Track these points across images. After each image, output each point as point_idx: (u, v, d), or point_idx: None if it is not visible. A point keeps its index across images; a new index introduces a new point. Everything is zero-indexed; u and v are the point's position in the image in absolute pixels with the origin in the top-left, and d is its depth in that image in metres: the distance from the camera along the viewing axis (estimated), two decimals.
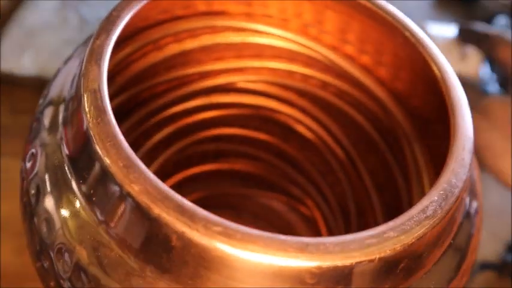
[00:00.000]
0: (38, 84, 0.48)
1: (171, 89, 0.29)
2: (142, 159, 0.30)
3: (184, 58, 0.27)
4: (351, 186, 0.32)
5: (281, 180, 0.36)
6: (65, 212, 0.15)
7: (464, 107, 0.17)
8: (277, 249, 0.12)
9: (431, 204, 0.14)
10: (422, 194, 0.25)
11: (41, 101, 0.21)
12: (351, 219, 0.33)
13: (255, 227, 0.42)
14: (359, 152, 0.30)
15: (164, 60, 0.26)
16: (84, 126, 0.13)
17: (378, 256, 0.12)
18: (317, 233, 0.37)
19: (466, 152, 0.15)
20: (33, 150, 0.17)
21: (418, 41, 0.21)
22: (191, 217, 0.11)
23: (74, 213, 0.14)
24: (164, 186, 0.12)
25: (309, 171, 0.34)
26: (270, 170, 0.37)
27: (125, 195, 0.12)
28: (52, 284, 0.15)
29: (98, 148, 0.12)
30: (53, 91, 0.20)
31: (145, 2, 0.17)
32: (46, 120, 0.18)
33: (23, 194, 0.16)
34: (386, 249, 0.13)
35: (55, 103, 0.19)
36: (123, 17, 0.16)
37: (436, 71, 0.20)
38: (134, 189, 0.12)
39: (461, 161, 0.15)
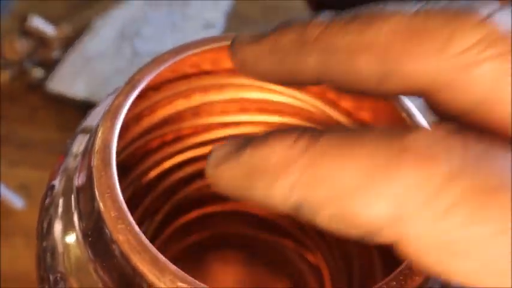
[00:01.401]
0: (86, 107, 0.52)
1: (196, 133, 0.31)
2: (163, 194, 0.33)
3: (209, 107, 0.30)
4: (356, 245, 0.33)
5: (293, 228, 0.38)
6: (67, 240, 0.17)
7: None
8: None
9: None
10: None
11: (77, 128, 0.24)
12: (353, 278, 0.34)
13: (266, 270, 0.43)
14: None
15: (190, 108, 0.29)
16: (92, 175, 0.15)
17: None
18: (322, 284, 0.38)
19: None
20: (54, 183, 0.19)
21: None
22: (161, 270, 0.13)
23: (73, 245, 0.16)
24: (145, 240, 0.14)
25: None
26: (282, 217, 0.38)
27: (113, 242, 0.14)
28: None
29: (97, 199, 0.15)
30: (89, 121, 0.23)
31: (161, 67, 0.19)
32: (75, 147, 0.21)
33: (38, 223, 0.18)
34: None
35: (86, 132, 0.21)
36: (142, 81, 0.18)
37: None
38: (119, 238, 0.14)
39: None
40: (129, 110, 0.18)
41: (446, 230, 0.10)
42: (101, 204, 0.14)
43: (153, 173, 0.31)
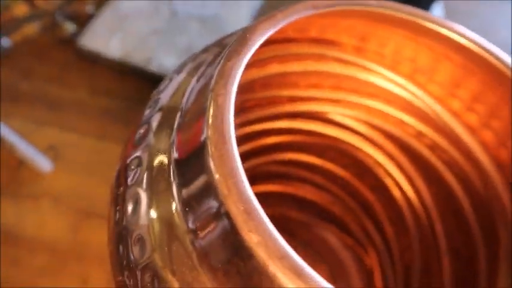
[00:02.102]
0: (120, 68, 0.49)
1: (260, 106, 0.28)
2: None
3: (281, 79, 0.27)
4: (421, 243, 0.30)
5: (345, 216, 0.35)
6: (157, 214, 0.14)
7: None
8: None
9: None
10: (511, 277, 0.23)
11: (149, 107, 0.21)
12: (412, 277, 0.31)
13: (303, 256, 0.41)
14: (440, 211, 0.28)
15: (263, 77, 0.26)
16: (204, 148, 0.12)
17: None
18: (368, 280, 0.35)
19: None
20: (138, 154, 0.16)
21: None
22: (309, 283, 0.10)
23: (166, 217, 0.14)
24: (284, 242, 0.11)
25: (377, 215, 0.33)
26: (335, 204, 0.35)
27: (238, 242, 0.11)
28: None
29: (217, 182, 0.12)
30: (164, 100, 0.20)
31: (279, 25, 0.16)
32: (154, 124, 0.18)
33: (118, 202, 0.16)
34: None
35: (166, 110, 0.19)
36: (255, 40, 0.15)
37: None
38: (252, 239, 0.11)
39: None
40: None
41: None
42: (225, 193, 0.11)
43: None
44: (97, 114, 0.48)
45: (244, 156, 0.31)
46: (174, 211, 0.14)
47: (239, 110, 0.28)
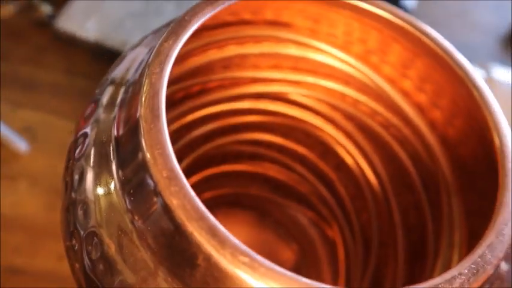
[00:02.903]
0: (96, 50, 0.49)
1: (223, 87, 0.29)
2: (182, 149, 0.31)
3: (241, 60, 0.28)
4: (378, 217, 0.32)
5: (311, 195, 0.36)
6: (100, 191, 0.15)
7: None
8: None
9: (459, 276, 0.13)
10: (451, 246, 0.24)
11: (103, 80, 0.22)
12: (371, 249, 0.33)
13: (274, 235, 0.42)
14: (394, 187, 0.30)
15: (222, 59, 0.27)
16: (137, 126, 0.14)
17: None
18: (334, 255, 0.37)
19: (509, 228, 0.15)
20: (86, 131, 0.17)
21: (481, 96, 0.20)
22: (221, 242, 0.12)
23: (108, 194, 0.15)
24: (202, 206, 0.12)
25: (339, 193, 0.34)
26: (301, 183, 0.36)
27: (161, 204, 0.12)
28: (77, 265, 0.15)
29: (146, 153, 0.13)
30: (117, 72, 0.21)
31: (218, 8, 0.17)
32: (105, 98, 0.19)
33: (67, 174, 0.17)
34: None
35: (117, 84, 0.19)
36: (193, 22, 0.16)
37: (493, 131, 0.19)
38: (172, 202, 0.12)
39: (501, 236, 0.14)
40: None
41: None
42: (151, 162, 0.13)
43: (173, 127, 0.29)
44: (74, 95, 0.49)
45: (213, 135, 0.33)
46: (113, 190, 0.15)
47: (201, 91, 0.29)
